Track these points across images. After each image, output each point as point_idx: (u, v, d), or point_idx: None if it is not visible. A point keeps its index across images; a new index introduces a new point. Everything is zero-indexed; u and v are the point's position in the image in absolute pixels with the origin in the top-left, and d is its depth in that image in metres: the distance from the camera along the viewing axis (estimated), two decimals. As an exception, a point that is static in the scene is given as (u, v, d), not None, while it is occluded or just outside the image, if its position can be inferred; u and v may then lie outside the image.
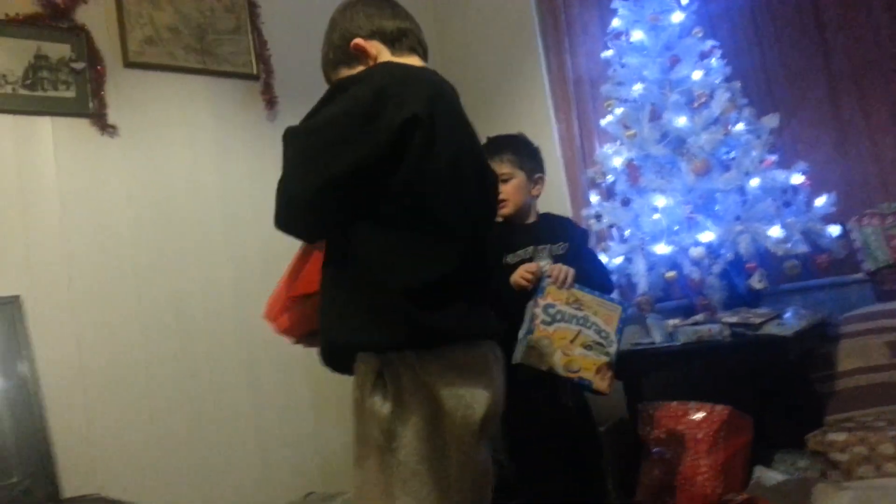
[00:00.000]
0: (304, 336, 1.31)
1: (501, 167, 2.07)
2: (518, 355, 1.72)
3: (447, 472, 1.11)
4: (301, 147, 1.16)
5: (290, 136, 1.17)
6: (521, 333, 1.77)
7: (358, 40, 1.35)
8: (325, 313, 1.18)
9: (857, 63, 2.67)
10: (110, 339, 2.35)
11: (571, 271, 1.87)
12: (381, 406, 1.11)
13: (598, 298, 1.87)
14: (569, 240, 2.12)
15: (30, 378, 2.07)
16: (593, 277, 2.02)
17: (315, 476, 2.65)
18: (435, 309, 1.12)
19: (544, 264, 1.94)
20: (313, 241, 1.26)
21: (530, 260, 2.05)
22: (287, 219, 1.18)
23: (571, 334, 1.80)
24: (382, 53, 1.36)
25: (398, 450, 1.09)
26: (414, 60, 1.39)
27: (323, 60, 1.43)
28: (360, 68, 1.33)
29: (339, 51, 1.38)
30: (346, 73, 1.36)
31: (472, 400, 1.12)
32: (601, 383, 1.82)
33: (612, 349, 1.84)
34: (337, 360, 1.19)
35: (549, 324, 1.79)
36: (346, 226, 1.16)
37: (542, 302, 1.81)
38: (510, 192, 2.09)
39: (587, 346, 1.80)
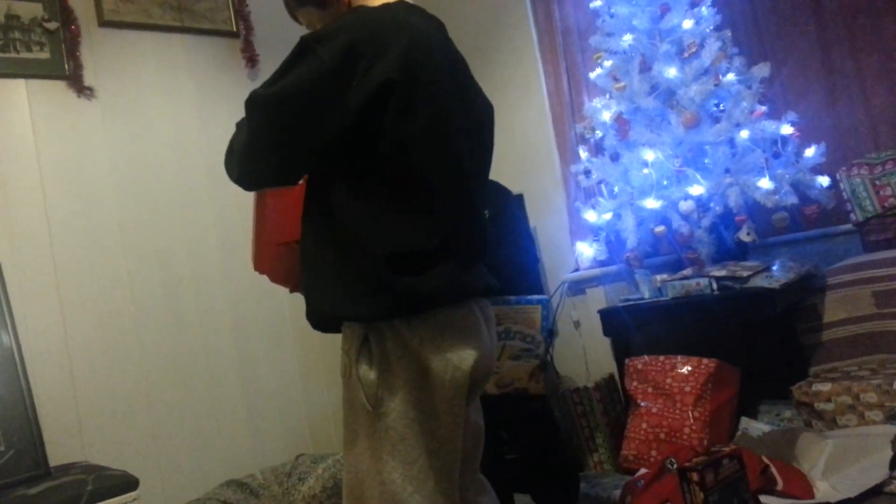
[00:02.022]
0: (298, 284, 1.26)
1: None
2: None
3: (437, 435, 1.11)
4: (268, 119, 1.08)
5: (255, 104, 1.10)
6: None
7: None
8: (309, 277, 1.16)
9: (847, 9, 2.62)
10: (96, 306, 2.34)
11: None
12: (368, 372, 1.10)
13: (515, 306, 1.84)
14: (496, 206, 1.91)
15: (13, 347, 2.06)
16: (521, 248, 1.91)
17: (305, 438, 2.68)
18: (420, 275, 1.08)
19: None
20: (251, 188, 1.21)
21: None
22: (247, 177, 1.15)
23: (496, 352, 1.80)
24: None
25: (386, 415, 1.09)
26: None
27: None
28: (332, 13, 1.22)
29: None
30: (312, 12, 1.26)
31: (460, 361, 1.11)
32: (535, 386, 1.85)
33: (541, 350, 1.85)
34: (323, 325, 1.18)
35: None
36: (321, 180, 1.12)
37: None
38: None
39: (515, 357, 1.81)
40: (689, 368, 2.19)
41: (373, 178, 1.09)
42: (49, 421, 2.12)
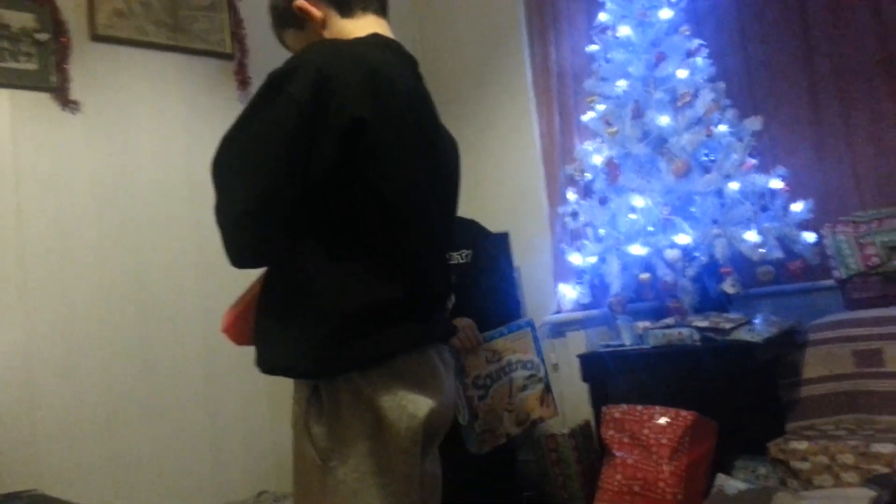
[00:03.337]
0: None
1: None
2: (475, 447, 1.64)
3: (391, 489, 1.05)
4: (238, 164, 1.04)
5: (225, 149, 1.06)
6: (463, 422, 1.67)
7: (300, 1, 1.20)
8: (260, 324, 1.12)
9: (838, 67, 2.65)
10: (64, 329, 2.27)
11: (472, 325, 1.73)
12: (318, 424, 1.05)
13: (507, 335, 1.80)
14: (474, 247, 1.91)
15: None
16: (500, 290, 1.90)
17: (269, 473, 2.61)
18: (381, 329, 1.04)
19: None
20: (267, 265, 1.13)
21: None
22: (239, 241, 1.07)
23: (506, 389, 1.76)
24: (330, 17, 1.21)
25: (337, 468, 1.04)
26: (368, 22, 1.22)
27: (271, 17, 1.29)
28: (310, 32, 1.21)
29: (283, 13, 1.24)
30: (295, 36, 1.25)
31: (416, 409, 1.05)
32: (547, 411, 1.82)
33: (542, 371, 1.82)
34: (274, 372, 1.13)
35: (485, 396, 1.72)
36: (291, 242, 1.06)
37: (468, 381, 1.72)
38: None
39: (523, 388, 1.78)
40: (667, 420, 2.15)
41: (336, 224, 1.04)
42: (2, 444, 2.05)
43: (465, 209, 1.48)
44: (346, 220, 1.05)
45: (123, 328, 2.39)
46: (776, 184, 2.43)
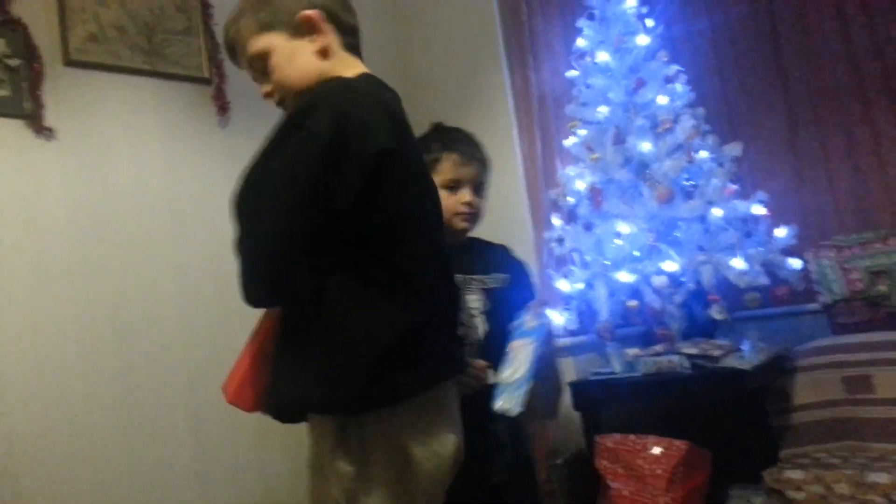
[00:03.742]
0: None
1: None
2: (516, 402, 1.38)
3: None
4: (260, 202, 1.01)
5: (247, 186, 1.03)
6: (517, 377, 1.42)
7: (311, 12, 1.15)
8: (284, 369, 1.07)
9: (814, 91, 2.70)
10: (40, 360, 2.16)
11: (484, 367, 1.55)
12: (345, 465, 1.03)
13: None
14: (506, 272, 1.77)
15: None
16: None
17: (257, 503, 2.52)
18: (410, 363, 1.04)
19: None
20: (283, 303, 1.10)
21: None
22: (258, 279, 1.03)
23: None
24: (333, 47, 1.18)
25: None
26: (357, 62, 1.24)
27: (237, 21, 1.19)
28: (301, 43, 1.16)
29: (276, 13, 1.16)
30: (279, 40, 1.16)
31: (442, 448, 1.07)
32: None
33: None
34: (287, 413, 1.10)
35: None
36: (314, 281, 1.03)
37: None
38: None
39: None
40: (661, 450, 2.12)
41: (358, 258, 1.04)
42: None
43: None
44: (369, 253, 1.04)
45: (102, 358, 2.29)
46: (758, 209, 2.44)
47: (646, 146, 2.47)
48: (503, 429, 1.58)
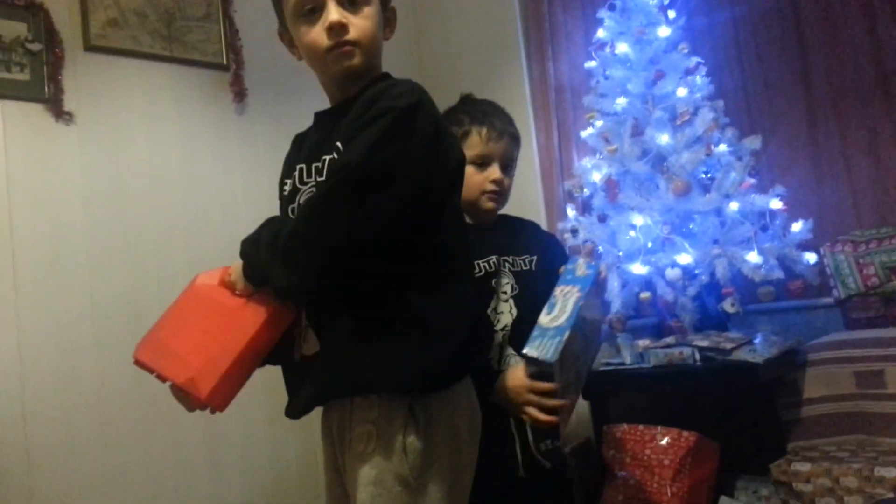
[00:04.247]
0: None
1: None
2: (551, 350, 1.19)
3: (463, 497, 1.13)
4: (357, 196, 1.02)
5: (344, 175, 1.03)
6: (557, 324, 1.23)
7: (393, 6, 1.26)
8: (360, 348, 1.08)
9: (836, 86, 2.66)
10: (57, 341, 2.21)
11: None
12: (416, 441, 1.06)
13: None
14: (538, 252, 1.62)
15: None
16: None
17: (267, 492, 2.55)
18: (471, 349, 1.16)
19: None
20: (334, 293, 1.10)
21: (493, 276, 1.52)
22: (328, 270, 1.04)
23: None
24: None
25: (428, 486, 1.06)
26: None
27: None
28: (381, 24, 1.21)
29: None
30: (372, 13, 1.18)
31: (478, 423, 1.17)
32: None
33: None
34: (338, 391, 1.11)
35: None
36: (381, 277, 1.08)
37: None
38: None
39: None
40: (669, 440, 2.13)
41: (432, 252, 1.12)
42: (-4, 462, 1.99)
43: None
44: (442, 247, 1.13)
45: (117, 339, 2.33)
46: (776, 204, 2.43)
47: (664, 138, 2.46)
48: (515, 423, 1.46)
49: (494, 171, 1.54)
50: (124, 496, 2.27)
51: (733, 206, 2.37)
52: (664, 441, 2.16)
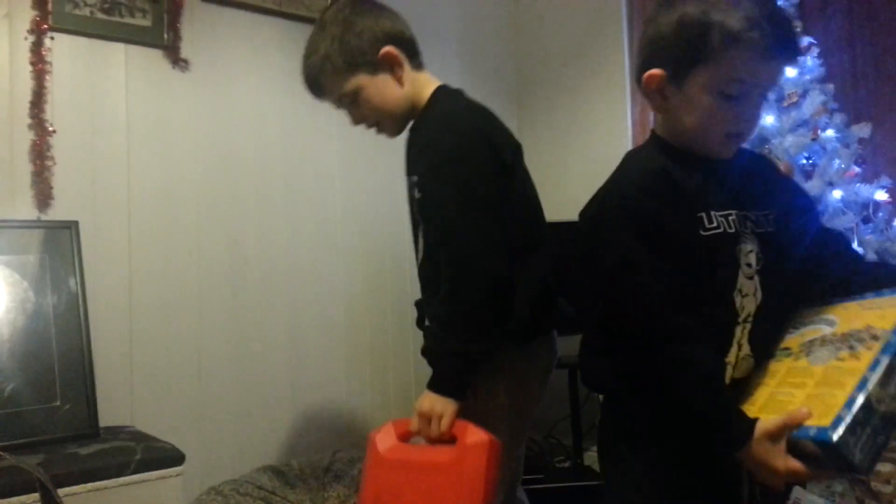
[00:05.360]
0: None
1: None
2: (839, 433, 0.86)
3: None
4: (476, 218, 1.24)
5: (466, 205, 1.24)
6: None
7: (390, 48, 1.34)
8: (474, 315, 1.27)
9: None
10: (163, 276, 2.35)
11: None
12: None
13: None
14: (787, 206, 1.13)
15: (80, 306, 2.08)
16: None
17: (342, 436, 2.68)
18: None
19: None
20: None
21: (732, 238, 1.06)
22: (486, 292, 1.24)
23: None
24: (408, 74, 1.38)
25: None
26: (429, 77, 1.45)
27: (320, 64, 1.38)
28: (384, 77, 1.34)
29: (361, 55, 1.33)
30: (365, 80, 1.35)
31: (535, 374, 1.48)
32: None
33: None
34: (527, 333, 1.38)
35: None
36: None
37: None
38: None
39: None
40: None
41: (505, 220, 1.31)
42: (102, 380, 2.14)
43: (548, 197, 1.54)
44: (521, 222, 1.40)
45: (218, 280, 2.46)
46: (880, 195, 2.34)
47: (768, 119, 2.39)
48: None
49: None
50: (214, 425, 2.42)
51: (836, 194, 2.30)
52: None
